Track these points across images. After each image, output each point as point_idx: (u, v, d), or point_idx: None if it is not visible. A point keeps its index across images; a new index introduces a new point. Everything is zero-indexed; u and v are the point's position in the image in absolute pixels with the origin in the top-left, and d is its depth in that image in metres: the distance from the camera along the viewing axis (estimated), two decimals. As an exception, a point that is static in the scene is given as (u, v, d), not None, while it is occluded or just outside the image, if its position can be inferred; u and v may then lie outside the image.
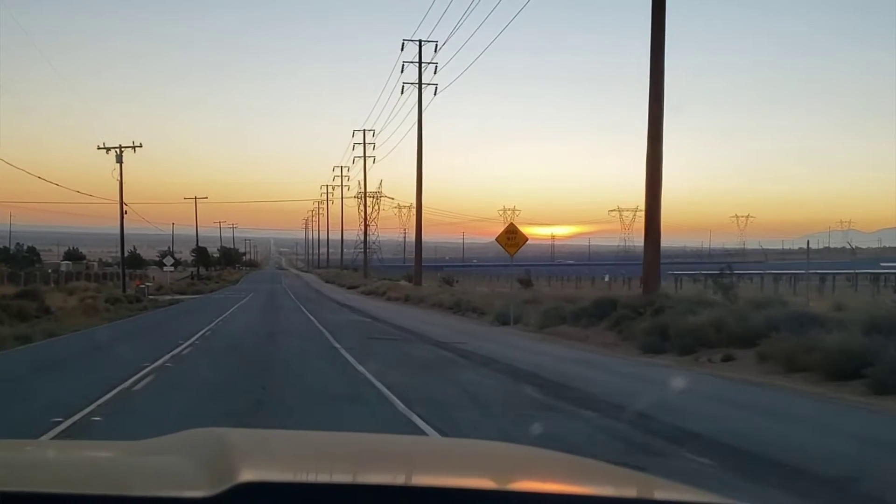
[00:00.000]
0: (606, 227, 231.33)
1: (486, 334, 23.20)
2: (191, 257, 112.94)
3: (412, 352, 17.78)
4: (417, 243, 53.38)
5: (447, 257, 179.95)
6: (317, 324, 26.57)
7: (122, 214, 48.51)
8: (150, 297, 46.08)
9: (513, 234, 27.16)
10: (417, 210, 52.25)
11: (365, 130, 77.30)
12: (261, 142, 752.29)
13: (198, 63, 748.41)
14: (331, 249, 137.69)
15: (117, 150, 48.49)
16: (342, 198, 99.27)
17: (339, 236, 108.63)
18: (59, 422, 8.37)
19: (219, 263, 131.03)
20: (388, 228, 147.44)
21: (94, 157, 52.57)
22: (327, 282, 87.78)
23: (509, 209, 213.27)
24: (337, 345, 18.47)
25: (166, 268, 67.20)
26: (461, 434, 7.53)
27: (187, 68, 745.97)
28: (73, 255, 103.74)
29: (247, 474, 1.42)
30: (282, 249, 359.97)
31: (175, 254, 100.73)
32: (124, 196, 48.72)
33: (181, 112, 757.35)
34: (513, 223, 27.38)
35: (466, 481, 1.72)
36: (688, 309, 19.47)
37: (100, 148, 48.76)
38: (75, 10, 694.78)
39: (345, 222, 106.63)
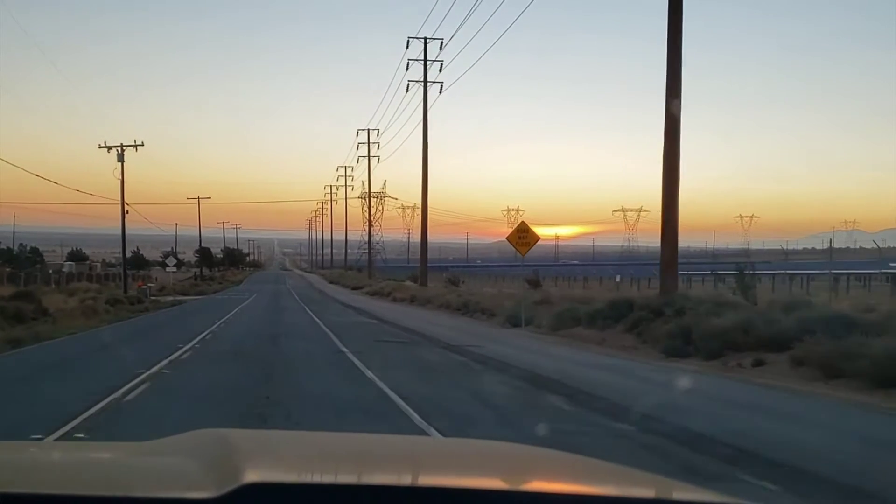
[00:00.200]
0: (610, 227, 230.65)
1: (497, 337, 22.37)
2: (194, 258, 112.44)
3: (423, 356, 16.92)
4: (423, 243, 52.41)
5: (451, 258, 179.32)
6: (322, 326, 25.76)
7: (123, 214, 47.90)
8: (152, 298, 45.63)
9: (524, 233, 26.29)
10: (423, 209, 51.36)
11: (369, 130, 76.47)
12: (264, 142, 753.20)
13: (200, 63, 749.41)
14: (335, 250, 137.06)
15: (118, 148, 47.89)
16: (346, 198, 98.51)
17: (343, 237, 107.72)
18: (39, 439, 7.49)
19: (222, 264, 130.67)
20: (392, 229, 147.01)
21: (95, 157, 51.88)
22: (331, 282, 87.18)
23: (513, 209, 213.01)
24: (344, 348, 17.62)
25: (168, 268, 66.61)
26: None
27: (190, 69, 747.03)
28: (76, 256, 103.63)
29: (252, 475, 1.42)
30: (285, 250, 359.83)
31: (178, 254, 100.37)
32: (127, 196, 48.19)
33: (184, 112, 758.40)
34: (524, 222, 26.53)
35: (471, 481, 1.70)
36: (710, 310, 18.60)
37: (101, 147, 48.14)
38: (78, 11, 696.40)
39: (349, 223, 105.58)
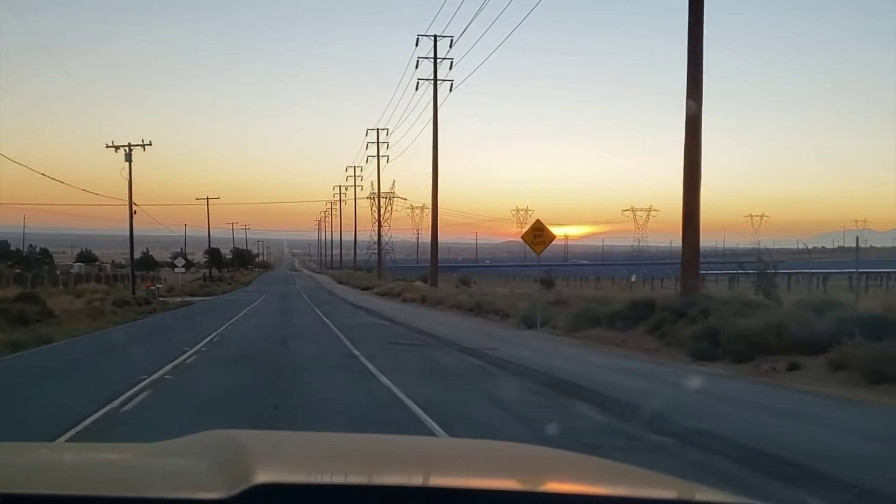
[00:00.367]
0: (619, 226, 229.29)
1: (513, 338, 21.65)
2: (204, 259, 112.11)
3: (439, 359, 16.23)
4: (433, 243, 51.67)
5: (459, 258, 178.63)
6: (332, 327, 25.10)
7: (131, 214, 47.53)
8: (160, 299, 45.23)
9: (539, 232, 25.55)
10: (433, 209, 50.63)
11: (378, 129, 75.76)
12: (273, 142, 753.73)
13: (208, 64, 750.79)
14: (344, 250, 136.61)
15: (126, 148, 47.45)
16: (355, 198, 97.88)
17: (353, 237, 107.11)
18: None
19: (231, 265, 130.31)
20: (401, 229, 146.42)
21: (104, 158, 51.58)
22: (341, 283, 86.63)
23: (522, 209, 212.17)
24: (356, 352, 16.94)
25: (177, 269, 66.19)
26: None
27: (197, 70, 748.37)
28: (86, 257, 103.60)
29: (262, 476, 1.41)
30: (295, 251, 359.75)
31: (188, 255, 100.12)
32: (136, 197, 47.87)
33: (193, 114, 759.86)
34: (539, 220, 25.70)
35: (481, 482, 1.69)
36: (736, 311, 17.86)
37: (108, 146, 47.72)
38: (86, 12, 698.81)
39: (358, 223, 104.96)
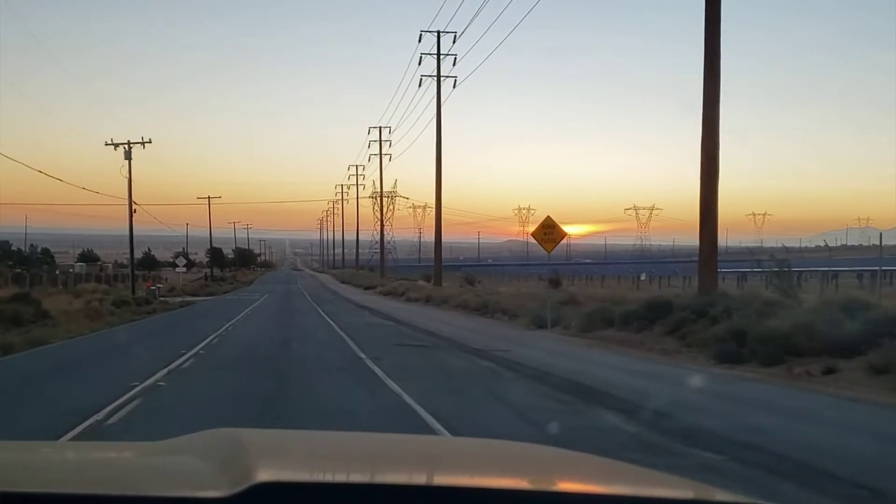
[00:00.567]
0: (621, 225, 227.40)
1: (524, 340, 20.84)
2: (206, 258, 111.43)
3: (448, 362, 15.41)
4: (437, 242, 50.89)
5: (461, 257, 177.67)
6: (336, 328, 24.30)
7: (130, 213, 46.70)
8: (160, 299, 44.51)
9: (550, 229, 24.74)
10: (437, 207, 49.78)
11: (381, 127, 74.92)
12: (275, 142, 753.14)
13: (210, 64, 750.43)
14: (346, 250, 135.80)
15: (125, 146, 46.69)
16: (357, 197, 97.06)
17: (355, 236, 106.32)
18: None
19: (233, 264, 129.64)
20: (403, 228, 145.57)
21: (104, 158, 50.89)
22: (343, 282, 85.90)
23: (524, 208, 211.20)
24: (361, 354, 16.13)
25: (178, 269, 65.48)
26: None
27: (199, 70, 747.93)
28: (88, 257, 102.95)
29: (264, 474, 1.41)
30: (297, 250, 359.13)
31: (190, 255, 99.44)
32: (138, 197, 47.16)
33: (195, 113, 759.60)
34: (550, 217, 24.83)
35: (483, 481, 1.67)
36: (760, 311, 17.05)
37: (107, 144, 46.95)
38: (88, 12, 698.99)
39: (360, 223, 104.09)
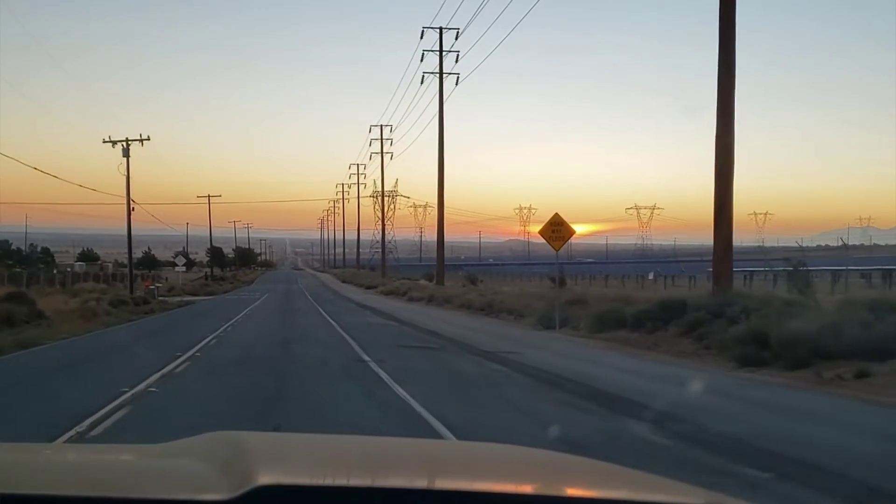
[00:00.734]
0: (622, 225, 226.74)
1: (533, 341, 20.13)
2: (206, 258, 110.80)
3: (456, 365, 14.70)
4: (439, 241, 50.22)
5: (462, 256, 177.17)
6: (338, 328, 23.59)
7: (128, 211, 45.96)
8: (159, 299, 43.84)
9: (558, 227, 24.01)
10: (439, 205, 49.06)
11: (382, 126, 74.20)
12: (276, 141, 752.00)
13: (210, 63, 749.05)
14: (347, 249, 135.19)
15: (124, 143, 45.97)
16: (359, 196, 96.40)
17: (356, 236, 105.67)
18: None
19: (234, 264, 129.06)
20: (404, 228, 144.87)
21: (104, 157, 50.28)
22: (344, 282, 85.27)
23: (525, 207, 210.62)
24: (365, 357, 15.41)
25: (178, 268, 64.85)
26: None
27: (199, 69, 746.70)
28: (88, 256, 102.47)
29: (265, 477, 1.42)
30: (297, 249, 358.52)
31: (190, 254, 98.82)
32: (138, 197, 46.54)
33: (195, 113, 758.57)
34: (558, 214, 24.09)
35: (485, 485, 1.67)
36: (780, 312, 16.34)
37: (105, 141, 46.22)
38: (89, 11, 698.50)
39: (360, 222, 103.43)
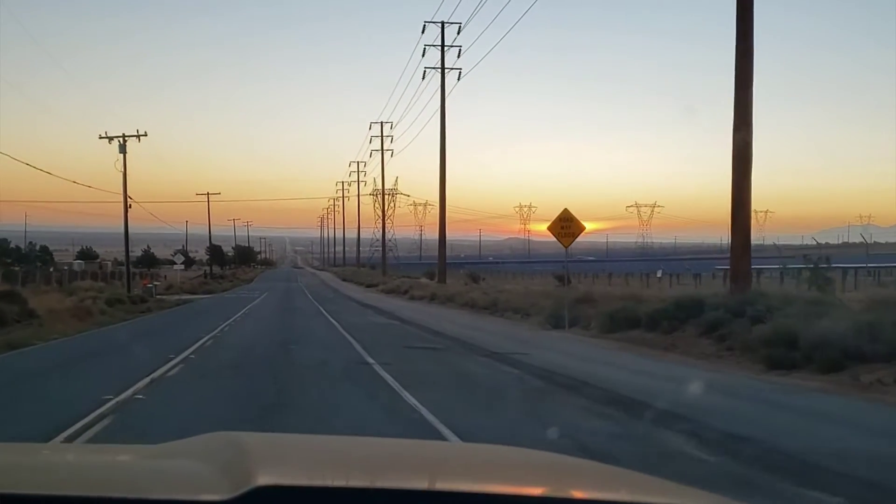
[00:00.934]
0: (623, 223, 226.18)
1: (543, 341, 19.28)
2: (206, 256, 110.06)
3: (467, 368, 13.86)
4: (441, 238, 49.39)
5: (462, 255, 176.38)
6: (340, 328, 22.72)
7: (125, 207, 45.08)
8: (157, 297, 43.01)
9: (567, 223, 23.14)
10: (441, 202, 48.18)
11: (382, 123, 73.27)
12: (276, 140, 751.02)
13: (210, 61, 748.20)
14: (347, 247, 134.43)
15: (120, 139, 45.11)
16: (359, 193, 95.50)
17: (356, 234, 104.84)
18: None
19: (233, 262, 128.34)
20: (404, 226, 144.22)
21: (102, 154, 49.49)
22: (344, 280, 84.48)
23: (525, 206, 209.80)
24: (369, 359, 14.55)
25: (176, 266, 64.12)
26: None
27: (199, 67, 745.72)
28: (86, 255, 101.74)
29: (264, 478, 1.41)
30: (297, 248, 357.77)
31: (190, 253, 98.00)
32: (137, 195, 45.67)
33: (195, 111, 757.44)
34: (567, 209, 23.24)
35: (485, 486, 1.67)
36: (806, 311, 15.50)
37: (102, 137, 45.36)
38: (89, 9, 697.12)
39: (360, 220, 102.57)
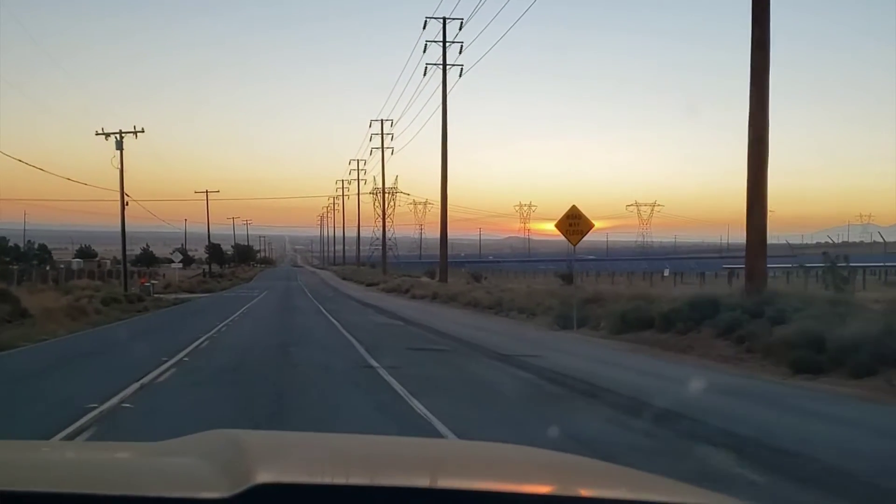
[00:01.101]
0: (623, 222, 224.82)
1: (553, 343, 18.59)
2: (205, 255, 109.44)
3: (476, 372, 13.16)
4: (443, 236, 48.68)
5: (462, 254, 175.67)
6: (341, 329, 22.00)
7: (122, 205, 44.36)
8: (155, 296, 42.26)
9: (576, 220, 22.45)
10: (443, 199, 47.39)
11: (382, 121, 72.54)
12: (275, 138, 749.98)
13: (210, 60, 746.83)
14: (346, 246, 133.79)
15: (117, 135, 44.38)
16: (359, 192, 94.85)
17: (356, 232, 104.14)
18: None
19: (233, 261, 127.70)
20: (403, 225, 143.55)
21: (100, 152, 48.75)
22: (344, 279, 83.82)
23: (525, 205, 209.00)
24: (373, 362, 13.83)
25: (174, 264, 63.46)
26: None
27: (199, 66, 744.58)
28: (85, 253, 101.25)
29: (263, 476, 1.41)
30: (297, 246, 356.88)
31: (189, 251, 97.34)
32: (136, 193, 45.26)
33: (194, 109, 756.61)
34: (576, 206, 22.54)
35: (485, 484, 1.66)
36: (828, 312, 14.81)
37: (98, 133, 44.64)
38: (89, 8, 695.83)
39: (360, 219, 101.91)
